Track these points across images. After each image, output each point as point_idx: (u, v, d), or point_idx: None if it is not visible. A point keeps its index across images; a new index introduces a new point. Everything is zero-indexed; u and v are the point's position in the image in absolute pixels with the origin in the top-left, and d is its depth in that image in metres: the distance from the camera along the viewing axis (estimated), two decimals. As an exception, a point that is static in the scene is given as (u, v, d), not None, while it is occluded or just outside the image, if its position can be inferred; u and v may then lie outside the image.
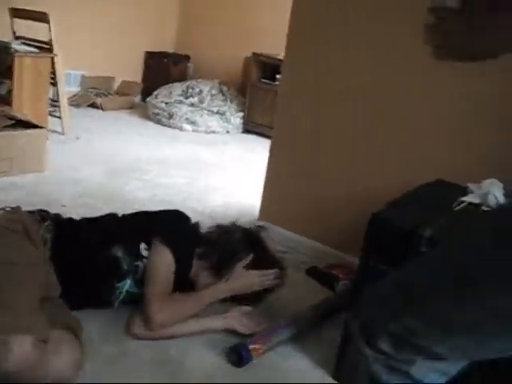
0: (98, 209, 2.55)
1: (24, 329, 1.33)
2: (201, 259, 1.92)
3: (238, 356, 1.69)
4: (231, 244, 1.93)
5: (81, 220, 1.94)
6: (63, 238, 1.75)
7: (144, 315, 1.72)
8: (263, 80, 5.23)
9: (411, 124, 2.34)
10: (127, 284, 1.79)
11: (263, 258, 1.94)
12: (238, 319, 1.82)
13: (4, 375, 1.33)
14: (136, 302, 1.80)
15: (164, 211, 2.02)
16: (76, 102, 5.23)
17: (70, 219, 1.92)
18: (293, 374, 1.71)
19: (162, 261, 1.77)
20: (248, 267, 1.89)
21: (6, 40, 3.92)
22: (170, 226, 1.87)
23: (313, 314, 1.95)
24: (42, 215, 1.79)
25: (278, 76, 4.91)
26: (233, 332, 1.81)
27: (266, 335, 1.78)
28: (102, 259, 1.76)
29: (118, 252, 1.77)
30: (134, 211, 2.04)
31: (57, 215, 1.86)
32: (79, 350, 1.49)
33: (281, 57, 4.69)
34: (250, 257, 1.90)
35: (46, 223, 1.75)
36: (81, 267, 1.73)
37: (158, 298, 1.71)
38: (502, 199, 1.65)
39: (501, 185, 1.69)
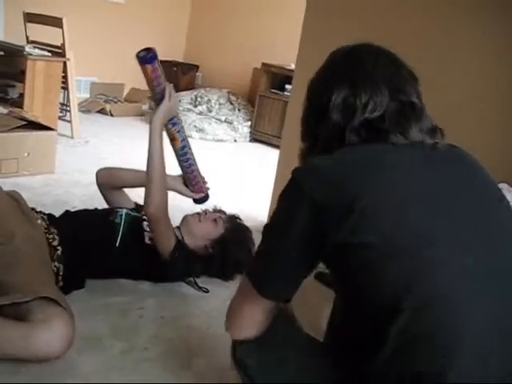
0: (108, 210, 2.55)
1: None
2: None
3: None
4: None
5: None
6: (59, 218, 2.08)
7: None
8: (272, 90, 5.25)
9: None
10: (123, 211, 2.27)
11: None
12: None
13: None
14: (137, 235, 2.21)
15: None
16: (85, 107, 5.27)
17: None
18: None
19: None
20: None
21: (20, 44, 3.95)
22: None
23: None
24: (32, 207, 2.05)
25: (287, 86, 4.95)
26: None
27: None
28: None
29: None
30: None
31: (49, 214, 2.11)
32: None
33: (291, 67, 4.74)
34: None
35: (38, 211, 2.03)
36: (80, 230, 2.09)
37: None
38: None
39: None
